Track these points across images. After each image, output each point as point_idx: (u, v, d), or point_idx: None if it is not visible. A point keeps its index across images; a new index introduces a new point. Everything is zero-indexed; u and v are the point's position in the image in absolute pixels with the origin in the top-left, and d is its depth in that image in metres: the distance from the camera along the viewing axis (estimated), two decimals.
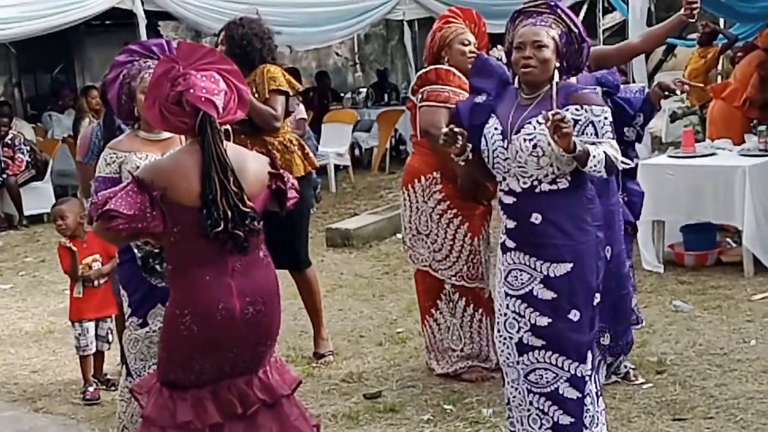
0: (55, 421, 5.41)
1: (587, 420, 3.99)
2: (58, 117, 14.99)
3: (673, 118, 11.30)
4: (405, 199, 5.50)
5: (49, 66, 17.45)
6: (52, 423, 5.40)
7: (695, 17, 5.26)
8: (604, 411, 4.15)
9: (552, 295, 3.90)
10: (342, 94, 16.67)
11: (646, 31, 5.90)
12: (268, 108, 5.61)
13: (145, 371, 4.32)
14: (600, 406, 4.09)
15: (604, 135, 3.85)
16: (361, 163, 14.38)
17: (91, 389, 5.63)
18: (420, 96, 5.33)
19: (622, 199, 5.17)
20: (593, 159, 3.75)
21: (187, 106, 3.47)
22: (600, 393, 4.12)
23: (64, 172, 11.86)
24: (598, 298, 4.00)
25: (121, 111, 4.44)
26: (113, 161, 4.29)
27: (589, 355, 3.98)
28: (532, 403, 3.99)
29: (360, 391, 5.40)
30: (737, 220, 7.00)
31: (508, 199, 3.97)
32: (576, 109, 3.84)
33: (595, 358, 4.06)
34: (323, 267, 8.30)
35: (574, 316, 3.91)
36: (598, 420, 4.05)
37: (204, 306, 3.49)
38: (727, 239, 7.69)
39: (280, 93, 5.68)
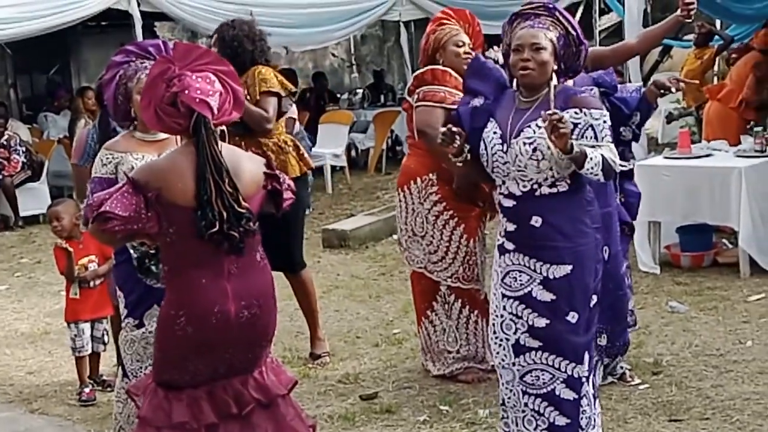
0: (51, 423, 5.40)
1: (583, 421, 3.98)
2: (53, 118, 14.99)
3: (670, 119, 11.31)
4: (401, 200, 5.50)
5: (45, 67, 17.45)
6: (48, 424, 5.39)
7: (692, 18, 5.26)
8: (600, 413, 4.15)
9: (551, 297, 3.90)
10: (338, 95, 16.67)
11: (642, 32, 5.89)
12: (259, 110, 5.60)
13: (141, 372, 4.32)
14: (596, 409, 4.09)
15: (603, 138, 3.85)
16: (358, 164, 14.37)
17: (87, 390, 5.62)
18: (416, 96, 5.32)
19: (619, 200, 5.18)
20: (590, 161, 3.75)
21: (182, 106, 3.46)
22: (596, 395, 4.12)
23: (60, 173, 11.85)
24: (595, 300, 4.00)
25: (117, 111, 4.43)
26: (109, 162, 4.28)
27: (586, 357, 3.97)
28: (527, 404, 3.98)
29: (356, 392, 5.40)
30: (733, 221, 7.00)
31: (507, 203, 3.96)
32: (575, 113, 3.84)
33: (593, 359, 4.06)
34: (319, 268, 8.30)
35: (572, 318, 3.91)
36: (594, 422, 4.05)
37: (199, 309, 3.48)
38: (723, 240, 7.69)
39: (271, 94, 5.67)
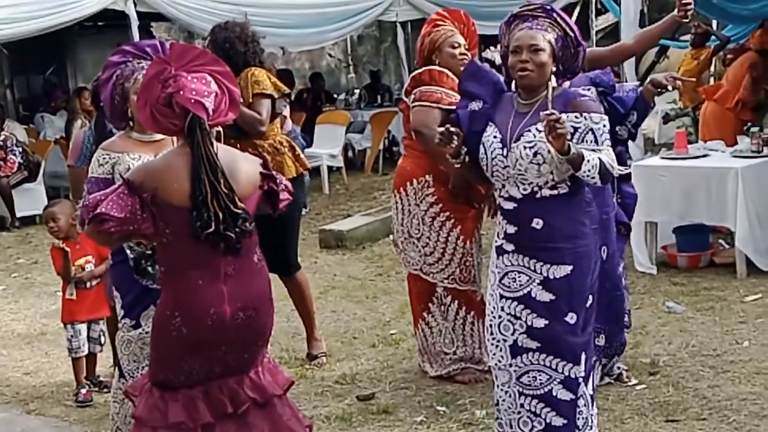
0: (48, 423, 5.40)
1: (580, 422, 3.98)
2: (50, 118, 14.99)
3: (666, 119, 11.29)
4: (396, 202, 5.49)
5: (41, 67, 17.44)
6: (45, 425, 5.39)
7: (689, 18, 5.27)
8: (597, 414, 4.15)
9: (550, 297, 3.89)
10: (335, 96, 16.67)
11: (639, 32, 5.89)
12: (252, 113, 5.58)
13: (138, 372, 4.31)
14: (594, 410, 4.09)
15: (603, 143, 3.85)
16: (354, 164, 14.37)
17: (83, 391, 5.62)
18: (413, 97, 5.31)
19: (616, 201, 5.18)
20: (587, 163, 3.74)
21: (177, 107, 3.46)
22: (594, 395, 4.11)
23: (57, 174, 11.83)
24: (590, 300, 4.00)
25: (114, 112, 4.42)
26: (106, 162, 4.28)
27: (583, 357, 3.97)
28: (523, 405, 3.97)
29: (353, 392, 5.40)
30: (730, 221, 7.00)
31: (508, 205, 3.95)
32: (576, 117, 3.83)
33: (590, 359, 4.05)
34: (316, 268, 8.30)
35: (571, 318, 3.90)
36: (591, 423, 4.04)
37: (195, 310, 3.48)
38: (720, 240, 7.70)
39: (264, 97, 5.65)
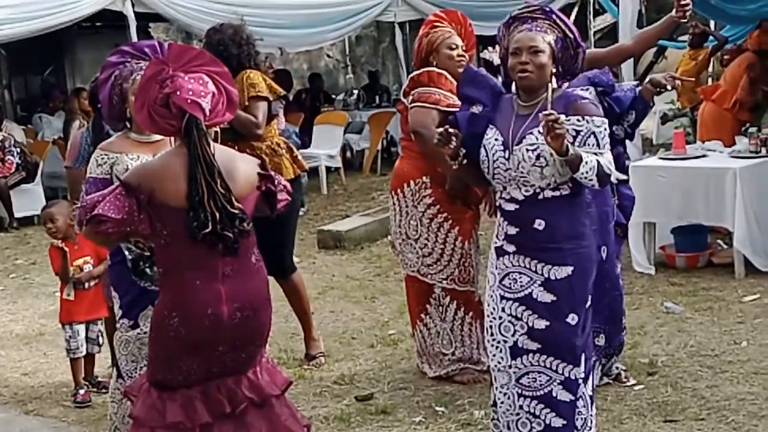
0: (46, 424, 5.40)
1: (579, 422, 3.98)
2: (48, 119, 14.99)
3: (664, 119, 11.28)
4: (394, 203, 5.49)
5: (39, 68, 17.43)
6: (43, 425, 5.38)
7: (687, 18, 5.27)
8: (595, 414, 4.15)
9: (552, 298, 3.89)
10: (333, 96, 16.67)
11: (637, 33, 5.89)
12: (248, 116, 5.57)
13: (136, 373, 4.31)
14: (593, 410, 4.09)
15: (604, 146, 3.85)
16: (353, 165, 14.36)
17: (81, 392, 5.62)
18: (411, 98, 5.32)
19: (614, 202, 5.18)
20: (585, 165, 3.74)
21: (174, 107, 3.46)
22: (593, 396, 4.11)
23: (55, 174, 11.82)
24: (590, 301, 4.00)
25: (112, 112, 4.42)
26: (104, 162, 4.28)
27: (583, 358, 3.97)
28: (522, 406, 3.97)
29: (352, 393, 5.40)
30: (728, 221, 7.01)
31: (509, 207, 3.94)
32: (578, 120, 3.83)
33: (589, 360, 4.05)
34: (314, 269, 8.30)
35: (572, 319, 3.90)
36: (590, 423, 4.04)
37: (192, 310, 3.48)
38: (718, 241, 7.70)
39: (260, 99, 5.63)
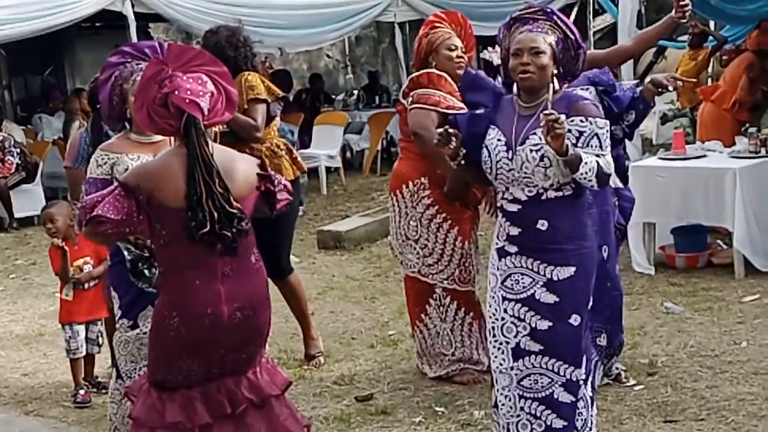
0: (46, 424, 5.40)
1: (579, 423, 3.98)
2: (48, 119, 14.99)
3: (664, 120, 11.29)
4: (393, 205, 5.49)
5: (39, 68, 17.44)
6: (43, 426, 5.38)
7: (687, 18, 5.27)
8: (595, 415, 4.15)
9: (554, 299, 3.89)
10: (333, 97, 16.66)
11: (637, 34, 5.89)
12: (247, 119, 5.57)
13: (135, 373, 4.32)
14: (593, 411, 4.09)
15: (606, 147, 3.86)
16: (353, 165, 14.36)
17: (81, 392, 5.61)
18: (410, 99, 5.32)
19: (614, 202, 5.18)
20: (585, 165, 3.74)
21: (172, 107, 3.47)
22: (594, 397, 4.11)
23: (55, 175, 11.82)
24: (591, 301, 4.00)
25: (112, 112, 4.42)
26: (105, 162, 4.28)
27: (584, 360, 3.97)
28: (523, 408, 3.97)
29: (351, 393, 5.40)
30: (728, 221, 7.01)
31: (512, 207, 3.93)
32: (581, 121, 3.83)
33: (590, 362, 4.05)
34: (314, 269, 8.30)
35: (575, 320, 3.90)
36: (590, 424, 4.04)
37: (192, 310, 3.48)
38: (718, 241, 7.69)
39: (259, 101, 5.63)
